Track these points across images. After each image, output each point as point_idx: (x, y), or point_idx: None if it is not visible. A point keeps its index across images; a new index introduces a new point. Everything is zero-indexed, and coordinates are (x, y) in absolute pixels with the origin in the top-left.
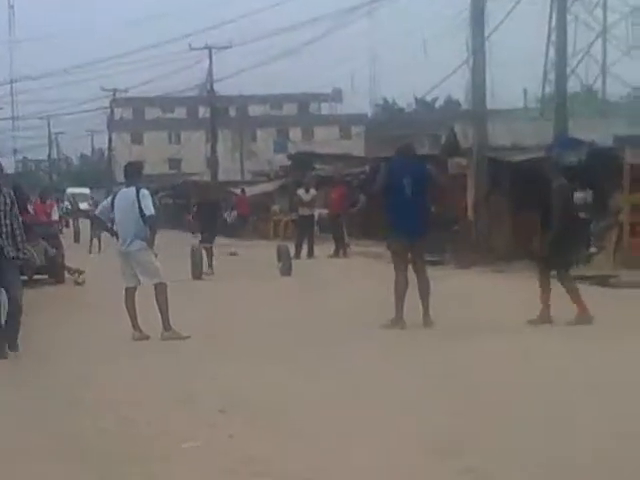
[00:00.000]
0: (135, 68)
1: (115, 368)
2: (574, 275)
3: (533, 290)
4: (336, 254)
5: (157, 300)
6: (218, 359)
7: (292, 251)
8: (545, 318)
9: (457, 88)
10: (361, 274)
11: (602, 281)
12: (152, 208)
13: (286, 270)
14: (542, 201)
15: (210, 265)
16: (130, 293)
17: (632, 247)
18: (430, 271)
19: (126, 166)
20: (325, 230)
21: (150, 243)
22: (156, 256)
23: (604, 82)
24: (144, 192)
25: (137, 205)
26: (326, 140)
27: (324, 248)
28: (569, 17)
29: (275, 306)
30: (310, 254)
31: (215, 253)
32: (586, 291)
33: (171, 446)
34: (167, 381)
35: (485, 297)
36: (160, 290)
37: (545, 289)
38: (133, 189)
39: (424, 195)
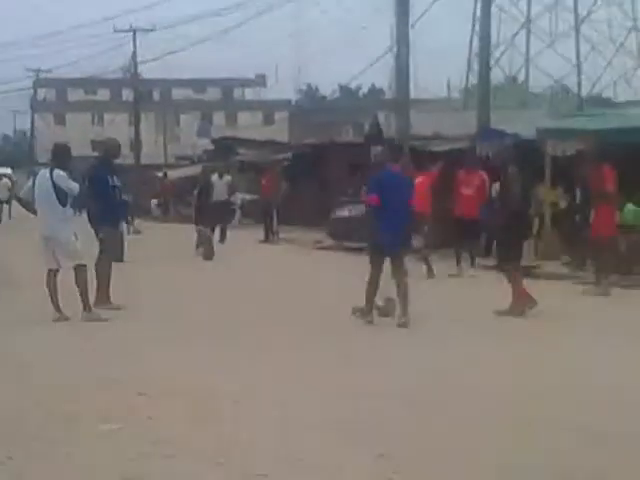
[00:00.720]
0: (59, 49)
1: (34, 350)
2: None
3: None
4: (266, 239)
5: (76, 282)
6: (141, 343)
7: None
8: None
9: (381, 76)
10: (288, 259)
11: (525, 272)
12: (74, 187)
13: (208, 254)
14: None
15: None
16: (51, 275)
17: (552, 239)
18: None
19: (54, 147)
20: (249, 215)
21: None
22: (76, 237)
23: (527, 74)
24: (58, 172)
25: (52, 186)
26: (250, 125)
27: (252, 233)
28: (494, 8)
29: (198, 290)
30: (222, 238)
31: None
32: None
33: (89, 428)
34: (89, 364)
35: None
36: (80, 272)
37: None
38: (47, 171)
39: (407, 206)
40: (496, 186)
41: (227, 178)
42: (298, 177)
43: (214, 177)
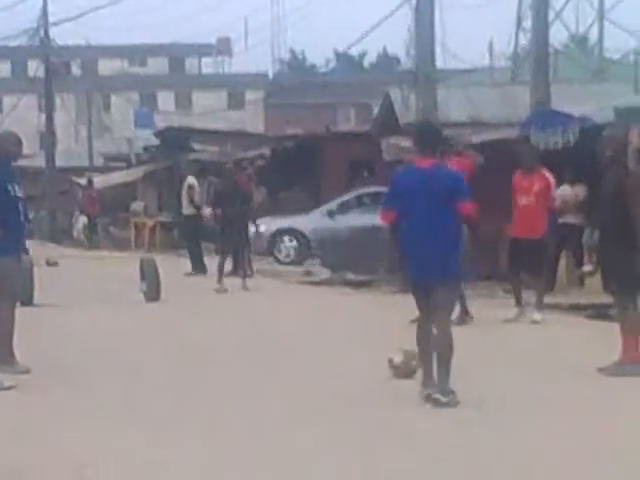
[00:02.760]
0: None
1: None
2: (552, 302)
3: None
4: (234, 271)
5: None
6: (54, 420)
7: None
8: None
9: (395, 39)
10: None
11: (603, 314)
12: None
13: (152, 293)
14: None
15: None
16: None
17: None
18: None
19: None
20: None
21: None
22: None
23: (601, 32)
24: None
25: None
26: (209, 110)
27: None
28: None
29: (138, 345)
30: (198, 268)
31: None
32: (581, 326)
33: None
34: None
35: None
36: None
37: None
38: None
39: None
40: (564, 191)
41: (189, 181)
42: (279, 182)
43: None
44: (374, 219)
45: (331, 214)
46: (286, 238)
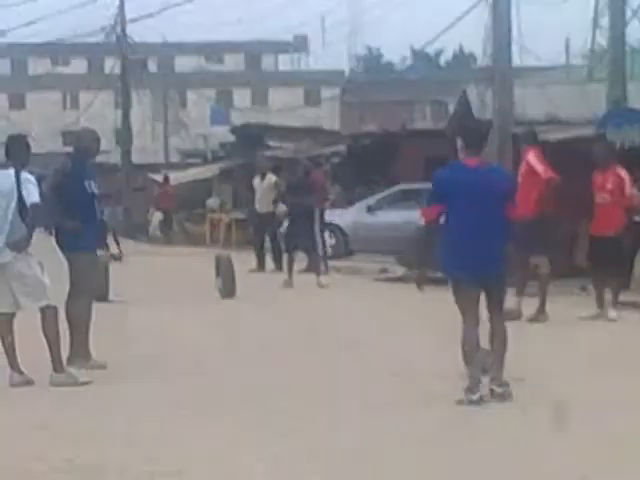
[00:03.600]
0: (13, 2)
1: None
2: (628, 300)
3: None
4: (309, 268)
5: (44, 330)
6: (130, 415)
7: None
8: None
9: (471, 37)
10: (339, 297)
11: None
12: (36, 195)
13: (228, 290)
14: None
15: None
16: (5, 320)
17: None
18: None
19: (7, 141)
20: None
21: (23, 243)
22: (42, 268)
23: None
24: (27, 176)
25: (17, 194)
26: (285, 107)
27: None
28: None
29: (213, 342)
30: (277, 265)
31: None
32: None
33: None
34: (56, 444)
35: None
36: (49, 316)
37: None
38: (12, 172)
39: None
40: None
41: (272, 179)
42: (354, 179)
43: (255, 179)
44: (412, 215)
45: (370, 209)
46: (325, 233)
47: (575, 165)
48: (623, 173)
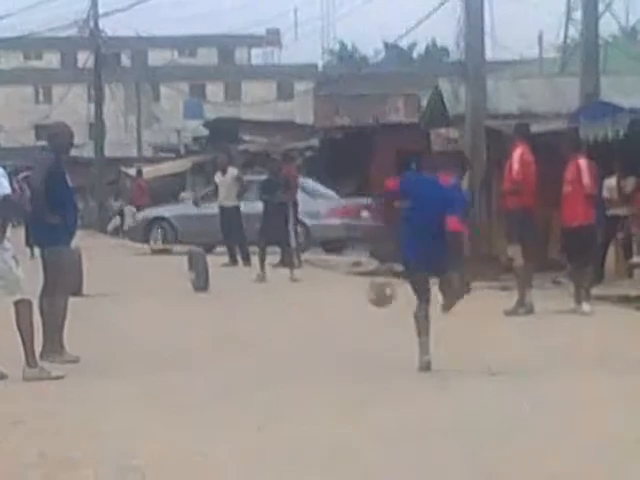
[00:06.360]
0: None
1: None
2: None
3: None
4: (282, 262)
5: (17, 324)
6: (104, 408)
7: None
8: None
9: (444, 30)
10: (311, 290)
11: None
12: (7, 187)
13: (201, 284)
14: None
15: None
16: None
17: None
18: None
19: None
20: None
21: None
22: (17, 262)
23: None
24: None
25: None
26: (259, 101)
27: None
28: None
29: (185, 335)
30: (246, 260)
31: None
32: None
33: None
34: (31, 438)
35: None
36: (22, 310)
37: None
38: None
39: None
40: (610, 183)
41: (233, 173)
42: (327, 173)
43: (217, 174)
44: None
45: (196, 203)
46: (157, 226)
47: (548, 158)
48: (583, 163)
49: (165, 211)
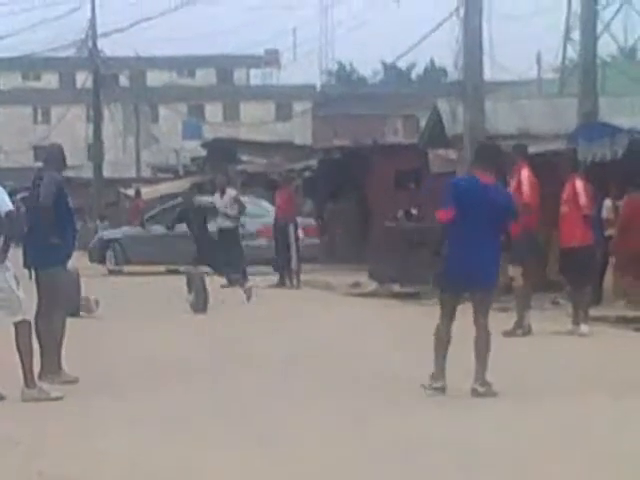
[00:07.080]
0: None
1: None
2: (602, 314)
3: None
4: (281, 283)
5: (17, 345)
6: (104, 430)
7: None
8: None
9: (443, 51)
10: (311, 312)
11: None
12: (9, 203)
13: (200, 305)
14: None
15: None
16: None
17: None
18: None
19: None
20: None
21: (1, 255)
22: (18, 282)
23: None
24: None
25: None
26: (257, 122)
27: (262, 274)
28: None
29: (184, 356)
30: (243, 279)
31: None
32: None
33: None
34: (28, 460)
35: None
36: (22, 331)
37: None
38: None
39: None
40: (607, 204)
41: (231, 193)
42: (325, 193)
43: (215, 196)
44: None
45: (143, 225)
46: (111, 247)
47: (547, 178)
48: (579, 184)
49: (118, 233)
